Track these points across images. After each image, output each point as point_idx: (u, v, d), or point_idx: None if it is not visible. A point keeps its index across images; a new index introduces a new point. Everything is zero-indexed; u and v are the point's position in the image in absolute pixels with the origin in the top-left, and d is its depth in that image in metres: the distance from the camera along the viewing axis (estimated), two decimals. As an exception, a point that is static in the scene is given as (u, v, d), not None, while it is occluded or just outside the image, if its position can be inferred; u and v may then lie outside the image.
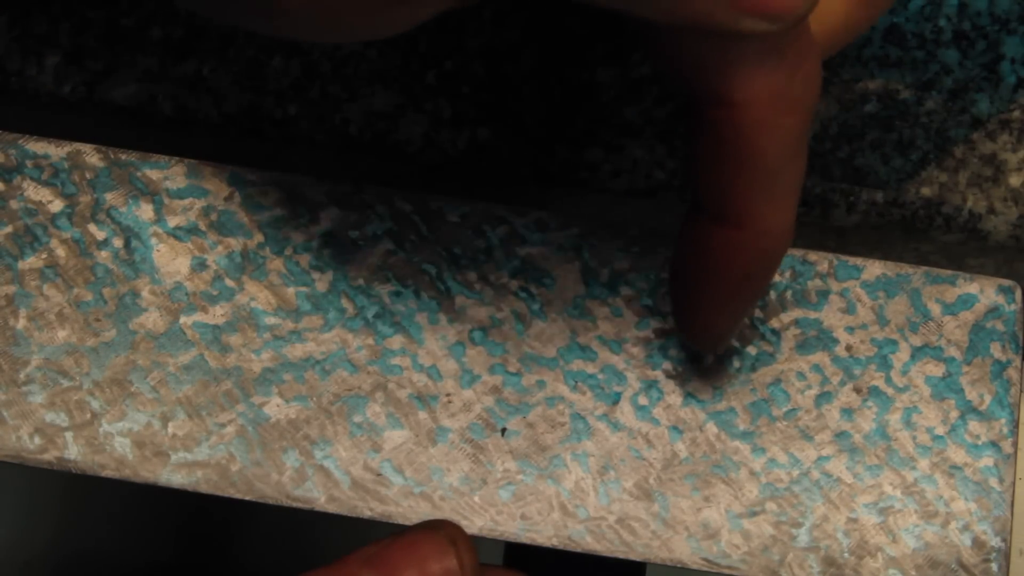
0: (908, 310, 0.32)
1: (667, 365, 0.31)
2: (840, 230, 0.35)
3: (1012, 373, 0.32)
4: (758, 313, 0.32)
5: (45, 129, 0.33)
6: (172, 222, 0.32)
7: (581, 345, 0.31)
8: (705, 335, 0.30)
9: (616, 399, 0.31)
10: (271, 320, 0.31)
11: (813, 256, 0.32)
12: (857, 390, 0.31)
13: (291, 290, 0.31)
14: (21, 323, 0.31)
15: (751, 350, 0.32)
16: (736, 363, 0.31)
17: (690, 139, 0.28)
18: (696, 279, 0.29)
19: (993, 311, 0.32)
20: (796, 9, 0.25)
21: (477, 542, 0.30)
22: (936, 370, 0.32)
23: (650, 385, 0.31)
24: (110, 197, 0.32)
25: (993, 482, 0.31)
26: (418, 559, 0.28)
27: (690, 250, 0.29)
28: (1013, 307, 0.32)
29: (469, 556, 0.28)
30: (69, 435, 0.30)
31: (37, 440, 0.30)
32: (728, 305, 0.29)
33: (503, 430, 0.31)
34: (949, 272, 0.32)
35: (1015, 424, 0.31)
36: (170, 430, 0.31)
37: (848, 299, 0.32)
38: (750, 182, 0.27)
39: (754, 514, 0.31)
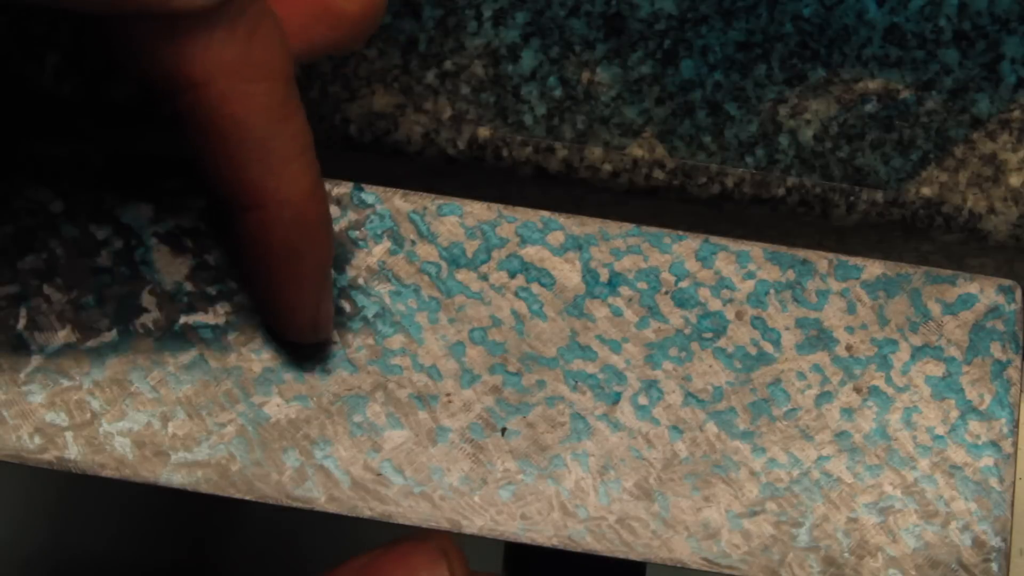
0: (908, 310, 0.32)
1: (667, 365, 0.31)
2: (840, 230, 0.35)
3: (1012, 373, 0.32)
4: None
5: (45, 129, 0.33)
6: (172, 222, 0.32)
7: (581, 345, 0.31)
8: (293, 324, 0.29)
9: (616, 399, 0.31)
10: (271, 320, 0.31)
11: (813, 256, 0.32)
12: (857, 390, 0.31)
13: (291, 290, 0.31)
14: (21, 323, 0.31)
15: (751, 350, 0.32)
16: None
17: (181, 135, 0.27)
18: (255, 270, 0.28)
19: (993, 311, 0.32)
20: None
21: (477, 542, 0.30)
22: (936, 370, 0.32)
23: (650, 385, 0.31)
24: (110, 197, 0.32)
25: (993, 482, 0.31)
26: (410, 570, 0.28)
27: (235, 245, 0.28)
28: (1013, 307, 0.32)
29: (460, 567, 0.28)
30: (69, 435, 0.30)
31: (37, 440, 0.30)
32: (294, 286, 0.28)
33: (503, 430, 0.31)
34: (949, 272, 0.32)
35: (1015, 424, 0.31)
36: (170, 430, 0.31)
37: (848, 299, 0.32)
38: (242, 158, 0.27)
39: (754, 514, 0.31)
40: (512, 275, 0.32)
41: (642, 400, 0.31)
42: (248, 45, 0.26)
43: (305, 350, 0.31)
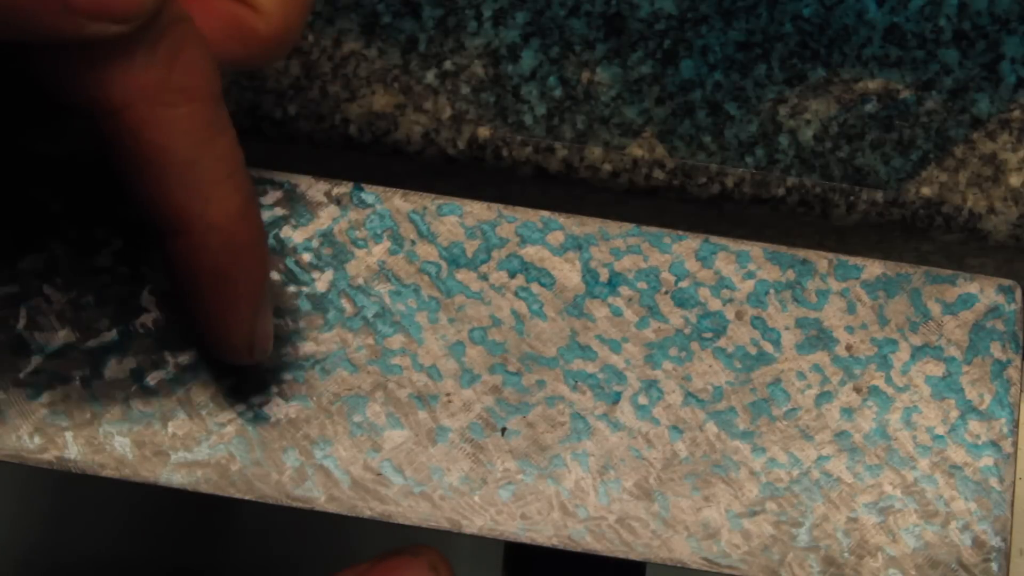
0: (908, 310, 0.32)
1: (667, 365, 0.31)
2: (840, 230, 0.35)
3: (1012, 373, 0.32)
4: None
5: (45, 129, 0.33)
6: (172, 222, 0.32)
7: (581, 345, 0.31)
8: (227, 346, 0.29)
9: (616, 399, 0.31)
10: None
11: (813, 256, 0.32)
12: (857, 390, 0.31)
13: (291, 290, 0.31)
14: (21, 323, 0.31)
15: (751, 350, 0.32)
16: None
17: (108, 159, 0.27)
18: (185, 293, 0.28)
19: (993, 311, 0.32)
20: (142, 5, 0.25)
21: (477, 542, 0.30)
22: (936, 370, 0.32)
23: (650, 385, 0.31)
24: (110, 197, 0.32)
25: (993, 482, 0.31)
26: None
27: (168, 270, 0.28)
28: (1013, 307, 0.32)
29: None
30: (69, 435, 0.30)
31: (37, 440, 0.30)
32: (226, 309, 0.28)
33: (503, 430, 0.31)
34: (949, 272, 0.32)
35: (1015, 424, 0.31)
36: (170, 430, 0.31)
37: (848, 299, 0.32)
38: (166, 182, 0.26)
39: (754, 514, 0.31)
40: (512, 275, 0.32)
41: (642, 400, 0.31)
42: (169, 68, 0.26)
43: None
